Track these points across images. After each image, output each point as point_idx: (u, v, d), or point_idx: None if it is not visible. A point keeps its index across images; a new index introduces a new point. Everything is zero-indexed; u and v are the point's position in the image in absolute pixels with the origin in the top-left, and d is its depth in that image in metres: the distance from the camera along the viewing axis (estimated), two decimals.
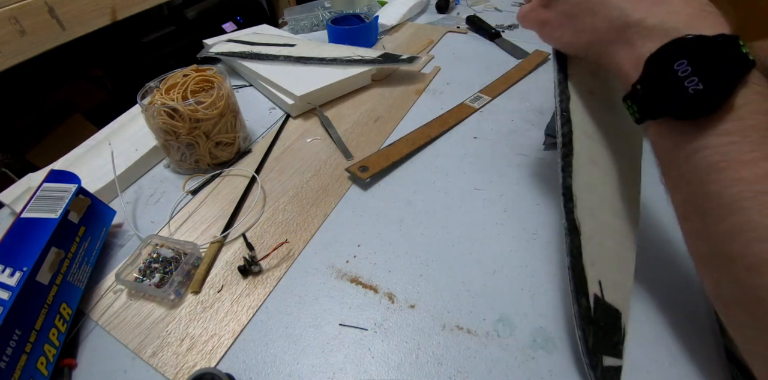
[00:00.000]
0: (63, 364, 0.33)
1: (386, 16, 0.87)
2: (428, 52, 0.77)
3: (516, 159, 0.50)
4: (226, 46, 0.71)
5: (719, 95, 0.23)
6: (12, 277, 0.31)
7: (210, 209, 0.47)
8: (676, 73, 0.23)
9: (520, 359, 0.32)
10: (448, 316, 0.35)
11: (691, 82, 0.23)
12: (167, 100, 0.46)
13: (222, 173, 0.51)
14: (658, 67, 0.25)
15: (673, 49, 0.24)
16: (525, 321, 0.34)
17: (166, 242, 0.41)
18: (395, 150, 0.52)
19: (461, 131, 0.56)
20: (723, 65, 0.22)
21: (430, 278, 0.38)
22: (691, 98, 0.23)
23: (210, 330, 0.35)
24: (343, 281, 0.38)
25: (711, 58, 0.23)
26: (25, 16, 0.75)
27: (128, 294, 0.38)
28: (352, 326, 0.35)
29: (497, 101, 0.61)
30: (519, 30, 0.83)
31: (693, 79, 0.23)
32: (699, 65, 0.23)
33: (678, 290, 0.35)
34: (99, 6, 0.88)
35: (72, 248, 0.37)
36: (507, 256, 0.39)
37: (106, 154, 0.50)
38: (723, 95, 0.23)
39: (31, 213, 0.36)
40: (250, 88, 0.70)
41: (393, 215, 0.44)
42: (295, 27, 0.90)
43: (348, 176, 0.49)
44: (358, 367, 0.32)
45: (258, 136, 0.58)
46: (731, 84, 0.22)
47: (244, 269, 0.39)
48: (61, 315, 0.34)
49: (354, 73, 0.63)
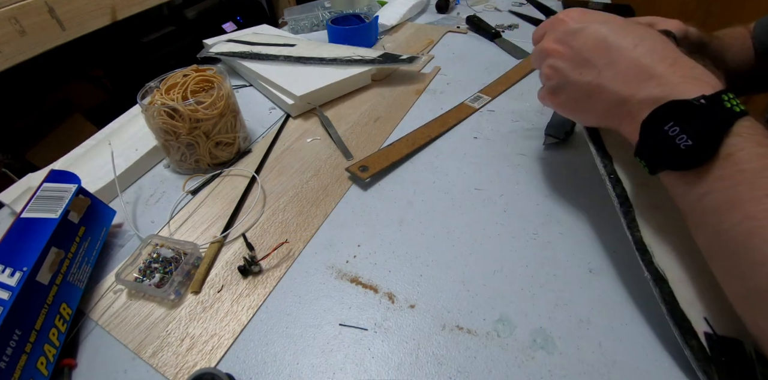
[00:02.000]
0: (63, 364, 0.33)
1: (386, 16, 0.87)
2: (428, 52, 0.77)
3: (516, 159, 0.50)
4: (226, 46, 0.71)
5: (708, 147, 0.26)
6: (12, 277, 0.31)
7: (210, 209, 0.47)
8: (667, 132, 0.27)
9: (520, 359, 0.32)
10: (448, 316, 0.35)
11: (681, 140, 0.27)
12: (167, 100, 0.46)
13: (222, 173, 0.51)
14: (651, 129, 0.29)
15: (661, 114, 0.28)
16: (525, 321, 0.34)
17: (166, 242, 0.41)
18: (395, 150, 0.52)
19: (461, 131, 0.56)
20: (707, 122, 0.26)
21: (430, 278, 0.38)
22: (684, 152, 0.27)
23: (210, 330, 0.35)
24: (343, 282, 0.38)
25: (695, 118, 0.26)
26: (25, 16, 0.75)
27: (128, 294, 0.38)
28: (352, 326, 0.35)
29: (497, 101, 0.61)
30: (519, 30, 0.84)
31: (682, 137, 0.27)
32: (685, 125, 0.26)
33: None
34: (99, 6, 0.88)
35: (72, 248, 0.37)
36: (507, 256, 0.39)
37: (106, 154, 0.50)
38: (711, 147, 0.26)
39: (31, 213, 0.36)
40: (250, 88, 0.70)
41: (393, 215, 0.44)
42: (295, 27, 0.90)
43: (348, 176, 0.49)
44: (358, 367, 0.32)
45: (258, 136, 0.58)
46: (718, 136, 0.26)
47: (244, 269, 0.39)
48: (61, 315, 0.34)
49: (354, 73, 0.63)
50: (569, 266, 0.38)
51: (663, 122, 0.28)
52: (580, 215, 0.42)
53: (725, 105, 0.26)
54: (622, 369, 0.31)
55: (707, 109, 0.26)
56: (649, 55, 0.30)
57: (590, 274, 0.37)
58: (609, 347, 0.32)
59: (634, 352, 0.32)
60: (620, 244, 0.39)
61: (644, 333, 0.33)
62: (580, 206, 0.43)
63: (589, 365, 0.31)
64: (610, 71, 0.32)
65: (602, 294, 0.35)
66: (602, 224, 0.41)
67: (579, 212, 0.43)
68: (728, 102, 0.26)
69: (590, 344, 0.32)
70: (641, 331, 0.33)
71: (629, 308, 0.34)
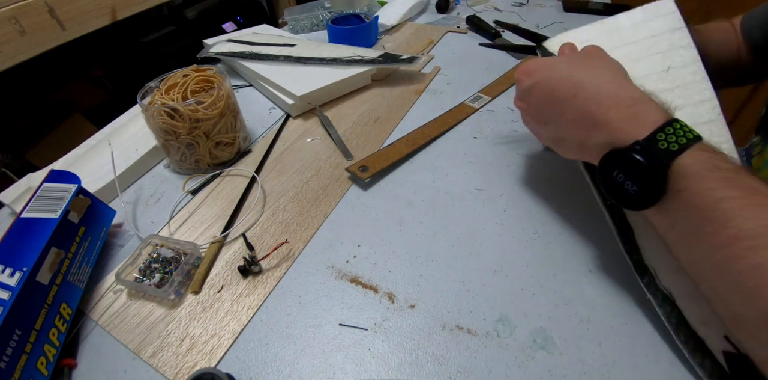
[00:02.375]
0: (63, 364, 0.33)
1: (386, 16, 0.87)
2: (428, 52, 0.77)
3: (516, 159, 0.50)
4: (226, 46, 0.71)
5: (652, 190, 0.27)
6: (12, 277, 0.31)
7: (210, 209, 0.47)
8: (615, 179, 0.29)
9: (520, 359, 0.32)
10: (448, 316, 0.35)
11: (628, 185, 0.28)
12: (167, 100, 0.46)
13: (222, 173, 0.51)
14: (605, 176, 0.30)
15: (608, 162, 0.29)
16: (525, 321, 0.34)
17: (166, 242, 0.41)
18: (395, 150, 0.52)
19: (461, 131, 0.56)
20: (645, 168, 0.26)
21: (430, 278, 0.38)
22: (634, 197, 0.28)
23: (210, 330, 0.35)
24: (343, 281, 0.38)
25: (633, 165, 0.27)
26: (25, 16, 0.75)
27: (128, 294, 0.38)
28: (352, 326, 0.35)
29: (497, 101, 0.61)
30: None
31: (628, 183, 0.28)
32: (628, 172, 0.28)
33: None
34: (99, 6, 0.88)
35: (72, 248, 0.37)
36: (507, 256, 0.39)
37: (106, 154, 0.50)
38: (656, 190, 0.27)
39: (31, 213, 0.36)
40: (250, 88, 0.70)
41: (393, 215, 0.44)
42: (295, 27, 0.90)
43: (348, 176, 0.49)
44: (358, 367, 0.32)
45: (258, 136, 0.58)
46: (659, 179, 0.26)
47: (244, 269, 0.39)
48: (61, 315, 0.34)
49: (354, 73, 0.63)
50: (569, 266, 0.38)
51: (610, 170, 0.29)
52: (580, 215, 0.42)
53: (660, 146, 0.26)
54: (622, 369, 0.31)
55: (643, 153, 0.27)
56: (588, 103, 0.31)
57: (590, 274, 0.37)
58: (609, 347, 0.32)
59: (634, 352, 0.32)
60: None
61: (644, 333, 0.33)
62: (580, 206, 0.43)
63: (589, 365, 0.31)
64: (562, 123, 0.34)
65: (602, 294, 0.35)
66: (602, 225, 0.41)
67: (579, 212, 0.43)
68: (663, 142, 0.26)
69: (590, 344, 0.32)
70: (641, 331, 0.33)
71: (629, 308, 0.34)
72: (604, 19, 0.41)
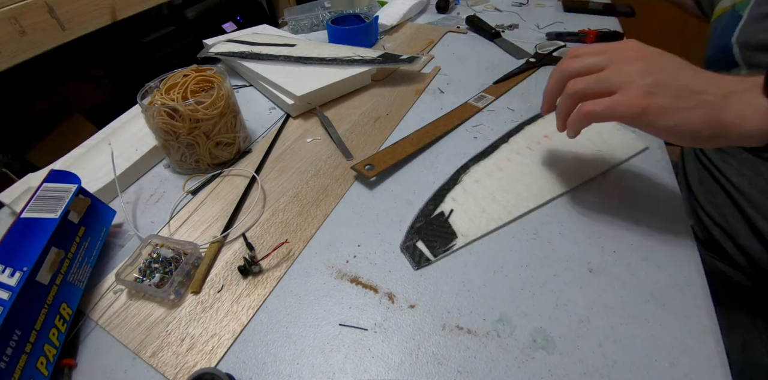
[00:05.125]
0: (63, 364, 0.33)
1: (386, 16, 0.87)
2: (428, 52, 0.77)
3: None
4: (226, 46, 0.71)
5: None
6: (12, 277, 0.31)
7: (210, 209, 0.47)
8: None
9: (520, 359, 0.32)
10: (448, 316, 0.35)
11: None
12: (167, 100, 0.46)
13: (222, 173, 0.51)
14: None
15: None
16: (525, 321, 0.34)
17: (166, 242, 0.41)
18: (401, 148, 0.52)
19: (461, 131, 0.56)
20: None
21: (430, 278, 0.38)
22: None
23: (210, 330, 0.35)
24: (343, 281, 0.38)
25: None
26: (25, 16, 0.75)
27: (128, 293, 0.38)
28: (352, 326, 0.35)
29: (499, 101, 0.61)
30: (519, 30, 0.84)
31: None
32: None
33: (676, 287, 0.35)
34: (99, 6, 0.88)
35: (72, 248, 0.37)
36: (507, 256, 0.39)
37: (106, 154, 0.50)
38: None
39: (31, 213, 0.36)
40: (250, 88, 0.70)
41: (393, 215, 0.44)
42: (295, 27, 0.90)
43: (354, 174, 0.49)
44: (358, 367, 0.32)
45: (258, 136, 0.58)
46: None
47: (244, 269, 0.39)
48: (61, 315, 0.34)
49: (354, 73, 0.63)
50: (569, 266, 0.38)
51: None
52: (580, 215, 0.42)
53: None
54: (622, 370, 0.31)
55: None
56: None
57: (590, 274, 0.37)
58: (609, 347, 0.32)
59: (634, 352, 0.32)
60: (620, 244, 0.39)
61: (644, 333, 0.33)
62: (580, 206, 0.43)
63: (589, 365, 0.31)
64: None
65: (602, 294, 0.35)
66: (602, 224, 0.41)
67: (579, 212, 0.43)
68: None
69: (590, 344, 0.32)
70: (641, 331, 0.33)
71: (629, 308, 0.34)
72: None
